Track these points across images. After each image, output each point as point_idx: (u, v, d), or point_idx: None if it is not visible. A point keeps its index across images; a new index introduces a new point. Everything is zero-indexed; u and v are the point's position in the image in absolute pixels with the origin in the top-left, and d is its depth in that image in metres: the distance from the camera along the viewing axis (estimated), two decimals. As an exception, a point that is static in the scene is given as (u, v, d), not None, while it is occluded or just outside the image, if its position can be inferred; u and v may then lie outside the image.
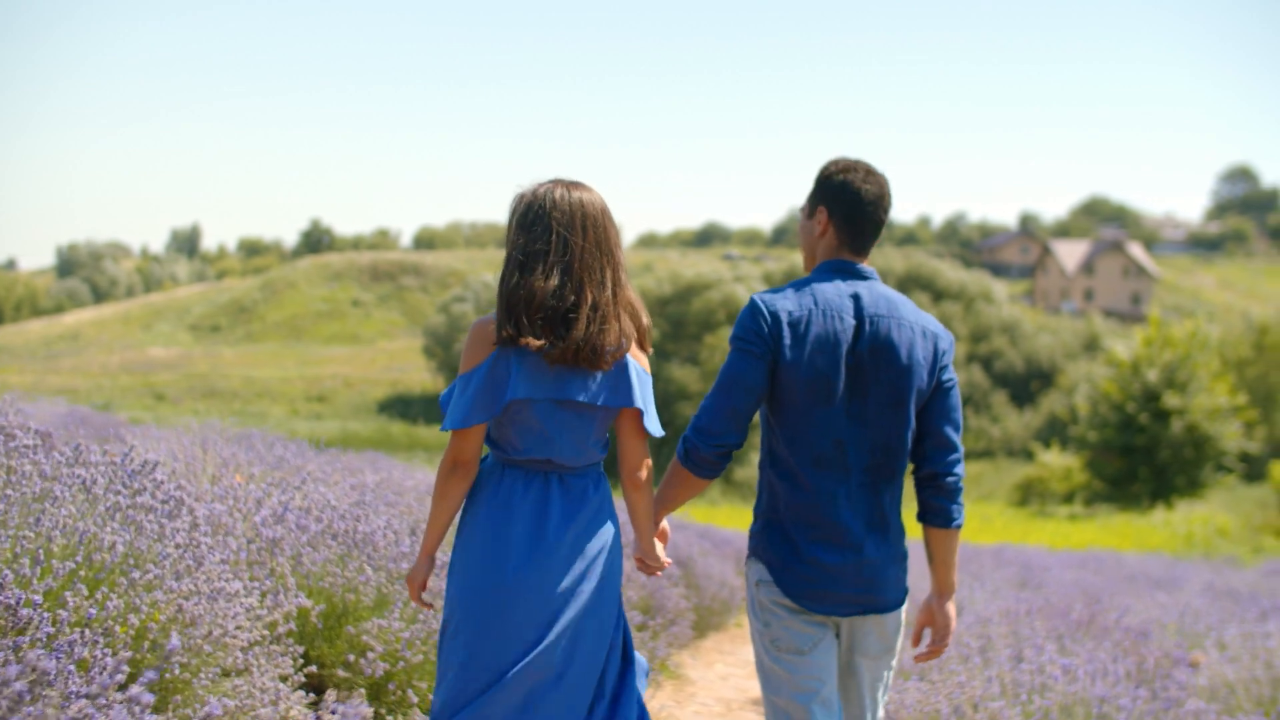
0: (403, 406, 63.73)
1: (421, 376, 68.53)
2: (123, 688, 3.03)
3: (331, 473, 7.34)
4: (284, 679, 4.09)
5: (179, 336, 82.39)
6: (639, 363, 3.40)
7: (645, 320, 3.41)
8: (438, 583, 4.89)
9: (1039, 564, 14.47)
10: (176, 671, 3.50)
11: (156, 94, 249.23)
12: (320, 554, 4.67)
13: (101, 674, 2.65)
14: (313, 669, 4.43)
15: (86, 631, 2.95)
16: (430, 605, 3.54)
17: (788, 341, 3.38)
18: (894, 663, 3.63)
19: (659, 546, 3.61)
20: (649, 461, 3.46)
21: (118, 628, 3.28)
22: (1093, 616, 7.05)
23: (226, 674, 3.83)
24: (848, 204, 3.50)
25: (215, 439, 7.92)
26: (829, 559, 3.41)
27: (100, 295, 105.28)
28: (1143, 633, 6.97)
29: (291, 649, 4.20)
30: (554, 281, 3.24)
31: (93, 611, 3.06)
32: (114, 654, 3.12)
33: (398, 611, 4.72)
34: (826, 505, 3.42)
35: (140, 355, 74.01)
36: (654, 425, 3.41)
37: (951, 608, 3.62)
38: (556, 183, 3.36)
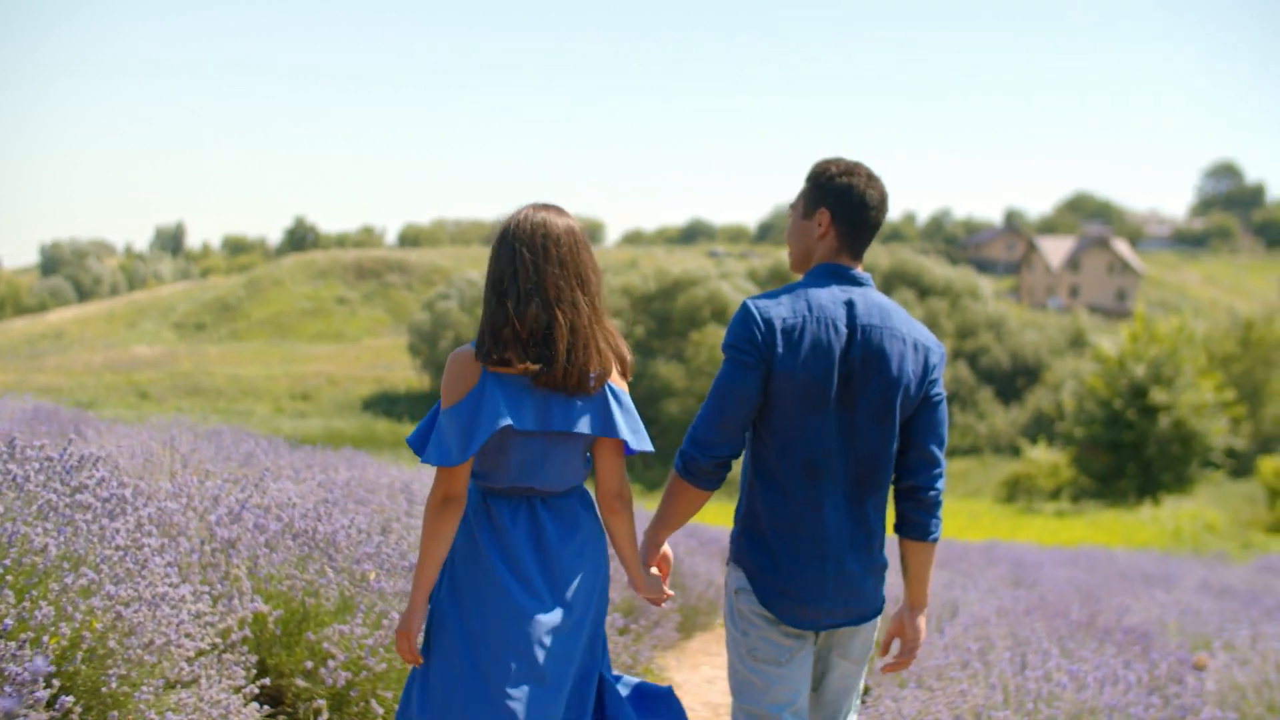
0: (387, 404, 63.47)
1: (406, 374, 68.21)
2: (50, 704, 2.76)
3: (302, 469, 7.06)
4: (236, 690, 3.80)
5: (163, 335, 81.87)
6: (619, 386, 3.36)
7: (627, 353, 3.38)
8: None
9: (1030, 561, 14.30)
10: (114, 685, 3.21)
11: (141, 93, 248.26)
12: (279, 555, 4.37)
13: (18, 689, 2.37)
14: (264, 681, 4.12)
15: (5, 643, 2.66)
16: (420, 660, 3.30)
17: (781, 349, 3.31)
18: (866, 670, 3.60)
19: (655, 579, 3.54)
20: (627, 486, 3.43)
21: (46, 638, 3.00)
22: (1092, 617, 6.82)
23: (171, 686, 3.55)
24: (852, 209, 3.44)
25: (184, 435, 7.65)
26: (808, 570, 3.36)
27: (84, 293, 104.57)
28: (1144, 633, 6.74)
29: (245, 658, 3.89)
30: (528, 306, 3.20)
31: (9, 622, 2.77)
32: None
33: (360, 616, 4.40)
34: (810, 515, 3.36)
35: (124, 353, 73.50)
36: (643, 444, 3.36)
37: (922, 621, 3.62)
38: (527, 206, 3.35)
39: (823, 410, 3.33)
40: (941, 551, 14.43)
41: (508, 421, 3.17)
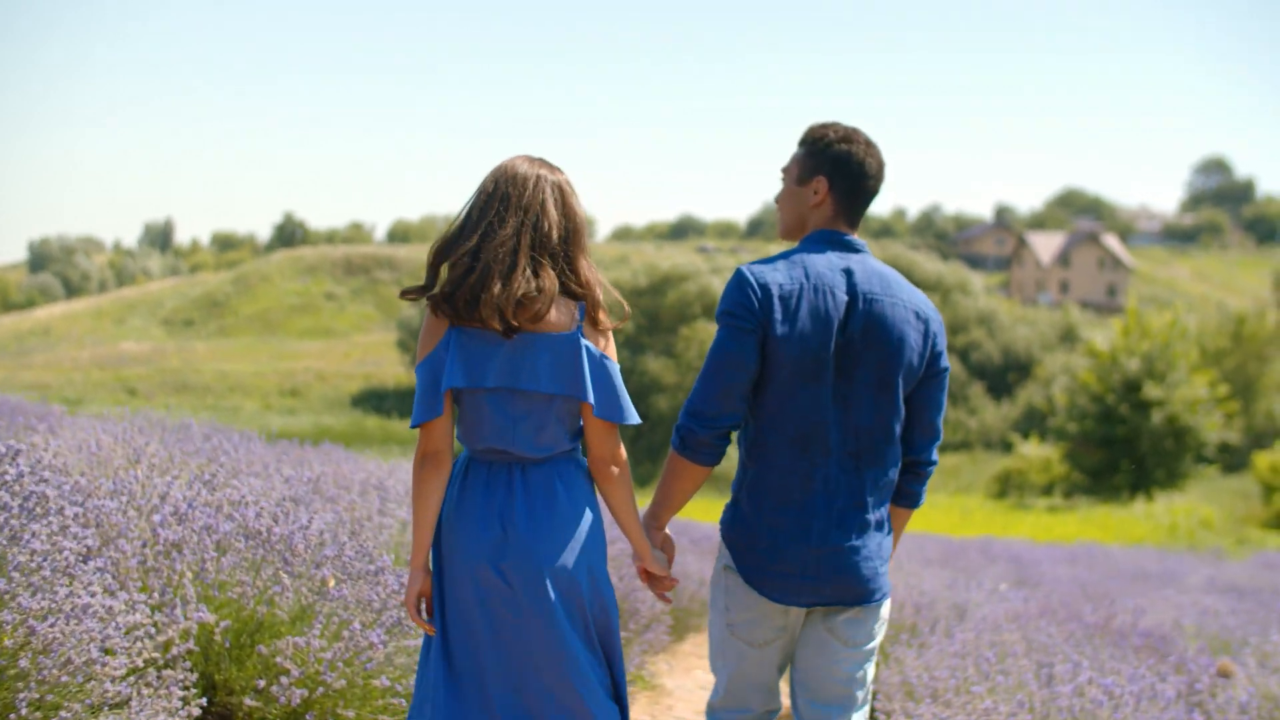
0: (377, 400, 63.21)
1: (395, 370, 67.84)
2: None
3: (272, 465, 6.66)
4: (172, 713, 3.37)
5: (151, 331, 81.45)
6: (596, 345, 3.19)
7: (599, 295, 3.21)
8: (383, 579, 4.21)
9: (1029, 558, 13.99)
10: (24, 711, 2.81)
11: (130, 90, 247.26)
12: (229, 559, 3.96)
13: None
14: (203, 702, 3.69)
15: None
16: (432, 629, 3.19)
17: (778, 316, 3.19)
18: (873, 663, 3.42)
19: (661, 557, 3.39)
20: (620, 452, 3.25)
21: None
22: (1107, 619, 6.46)
23: (97, 710, 3.14)
24: (851, 177, 3.35)
25: (154, 429, 7.27)
26: (790, 546, 3.24)
27: (72, 290, 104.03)
28: (1162, 636, 6.39)
29: (185, 675, 3.46)
30: (455, 232, 3.16)
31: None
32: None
33: (319, 627, 3.97)
34: (799, 490, 3.24)
35: (112, 350, 73.10)
36: (622, 414, 3.20)
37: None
38: None
39: (818, 381, 3.21)
40: (939, 549, 14.13)
41: (462, 381, 3.09)
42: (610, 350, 3.22)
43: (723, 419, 3.22)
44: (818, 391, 3.21)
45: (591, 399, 3.13)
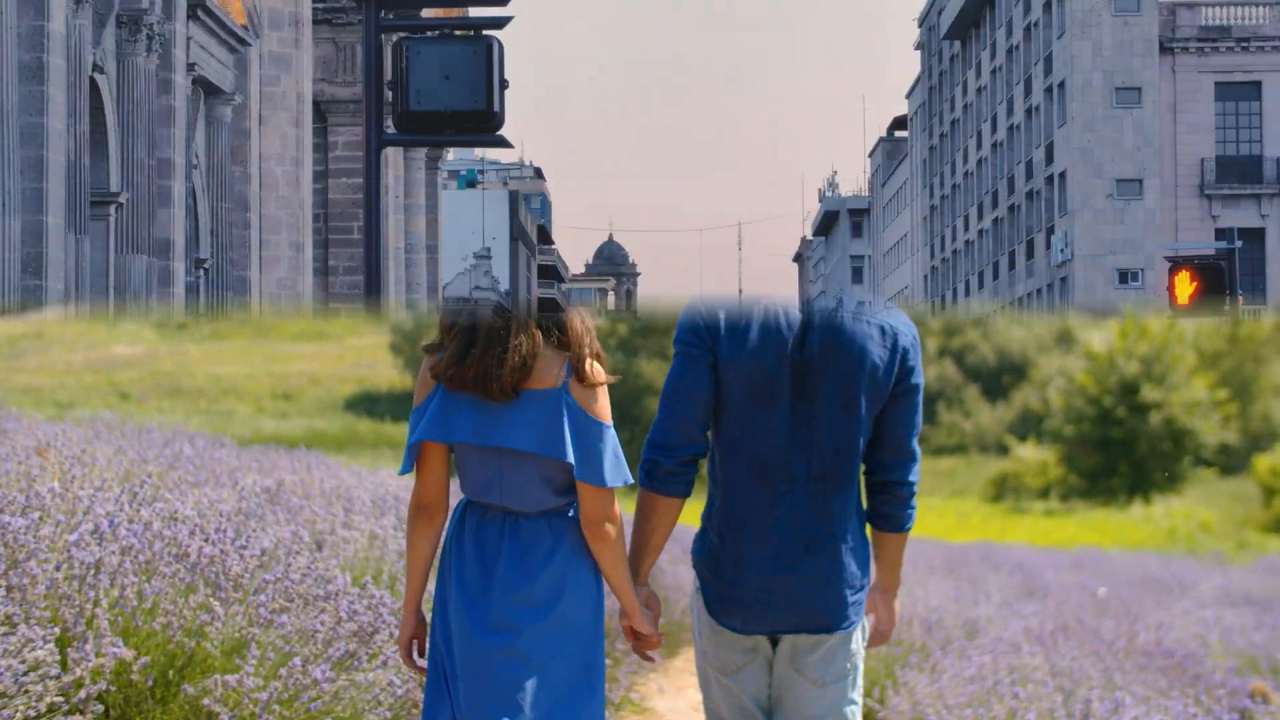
0: (370, 404, 62.86)
1: (389, 373, 67.44)
2: None
3: (232, 472, 6.24)
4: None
5: (144, 334, 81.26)
6: (581, 401, 3.02)
7: (586, 348, 3.03)
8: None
9: (1031, 565, 13.67)
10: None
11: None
12: (155, 584, 3.50)
13: None
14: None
15: None
16: (423, 672, 3.15)
17: (725, 338, 3.11)
18: (855, 696, 3.22)
19: (648, 615, 3.23)
20: (614, 511, 3.10)
21: None
22: (1130, 638, 6.05)
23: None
24: None
25: (106, 433, 6.86)
26: (752, 576, 3.13)
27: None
28: (1188, 654, 5.98)
29: (92, 722, 2.99)
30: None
31: None
32: None
33: (253, 664, 3.50)
34: (761, 518, 3.12)
35: (105, 353, 72.89)
36: (603, 477, 3.02)
37: (895, 605, 3.44)
38: None
39: (774, 404, 3.10)
40: (940, 555, 13.76)
41: (432, 436, 2.97)
42: (600, 408, 3.05)
43: (682, 449, 3.12)
44: (773, 414, 3.10)
45: (572, 460, 2.97)
